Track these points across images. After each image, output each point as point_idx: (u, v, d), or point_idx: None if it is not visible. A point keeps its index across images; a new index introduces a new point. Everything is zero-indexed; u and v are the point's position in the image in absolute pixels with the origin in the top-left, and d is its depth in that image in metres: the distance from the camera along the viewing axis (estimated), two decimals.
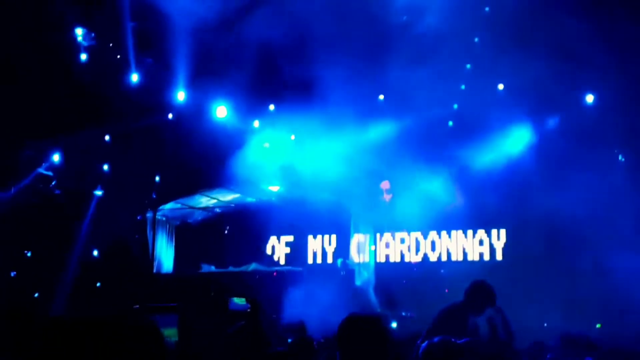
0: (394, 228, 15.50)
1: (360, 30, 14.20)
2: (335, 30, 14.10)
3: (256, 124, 16.48)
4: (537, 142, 14.72)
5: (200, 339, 8.35)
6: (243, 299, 6.06)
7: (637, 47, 12.88)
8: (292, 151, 16.40)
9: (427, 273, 14.85)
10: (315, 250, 16.28)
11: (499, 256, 14.75)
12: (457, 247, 15.15)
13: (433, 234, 15.42)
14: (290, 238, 16.20)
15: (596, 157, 13.50)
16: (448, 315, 7.28)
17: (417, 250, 15.52)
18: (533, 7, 13.23)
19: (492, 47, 14.50)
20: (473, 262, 14.61)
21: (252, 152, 15.41)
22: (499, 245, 14.82)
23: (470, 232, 15.08)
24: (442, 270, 14.75)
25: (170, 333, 9.05)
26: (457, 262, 15.02)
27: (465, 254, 15.06)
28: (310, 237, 16.30)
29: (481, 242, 15.02)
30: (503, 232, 14.83)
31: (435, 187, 14.84)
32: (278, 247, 16.33)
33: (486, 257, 14.79)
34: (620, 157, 14.16)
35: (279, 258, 16.21)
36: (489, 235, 14.94)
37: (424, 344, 4.93)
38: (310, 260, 16.01)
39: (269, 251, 16.41)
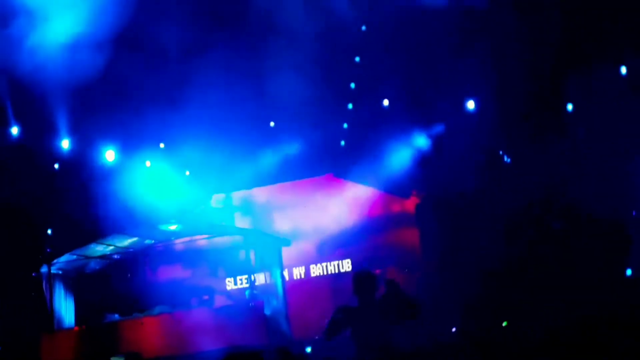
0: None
1: (240, 54, 14.23)
2: (217, 60, 14.11)
3: (148, 163, 16.18)
4: (425, 152, 15.12)
5: None
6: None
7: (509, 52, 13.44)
8: (188, 187, 16.23)
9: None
10: (229, 286, 16.31)
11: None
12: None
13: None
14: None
15: (483, 159, 14.00)
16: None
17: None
18: (406, 21, 13.58)
19: (374, 64, 14.86)
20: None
21: (146, 193, 15.10)
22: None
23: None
24: None
25: None
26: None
27: None
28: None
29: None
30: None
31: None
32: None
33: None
34: (505, 159, 14.68)
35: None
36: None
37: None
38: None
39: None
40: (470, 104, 14.97)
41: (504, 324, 11.33)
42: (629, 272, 13.38)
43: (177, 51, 14.01)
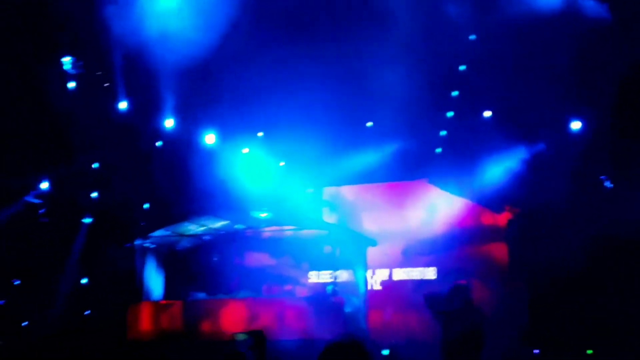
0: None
1: (345, 58, 14.32)
2: (322, 57, 14.25)
3: (245, 150, 16.52)
4: (523, 169, 14.85)
5: None
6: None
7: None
8: (281, 178, 16.47)
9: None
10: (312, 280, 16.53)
11: None
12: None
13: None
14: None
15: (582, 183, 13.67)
16: None
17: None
18: (517, 35, 13.38)
19: (479, 75, 14.69)
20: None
21: (240, 179, 15.44)
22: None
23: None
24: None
25: None
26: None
27: None
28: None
29: None
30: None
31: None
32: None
33: None
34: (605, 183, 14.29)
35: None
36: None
37: None
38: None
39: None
40: (574, 125, 14.63)
41: (589, 352, 11.10)
42: None
43: (284, 46, 14.19)
